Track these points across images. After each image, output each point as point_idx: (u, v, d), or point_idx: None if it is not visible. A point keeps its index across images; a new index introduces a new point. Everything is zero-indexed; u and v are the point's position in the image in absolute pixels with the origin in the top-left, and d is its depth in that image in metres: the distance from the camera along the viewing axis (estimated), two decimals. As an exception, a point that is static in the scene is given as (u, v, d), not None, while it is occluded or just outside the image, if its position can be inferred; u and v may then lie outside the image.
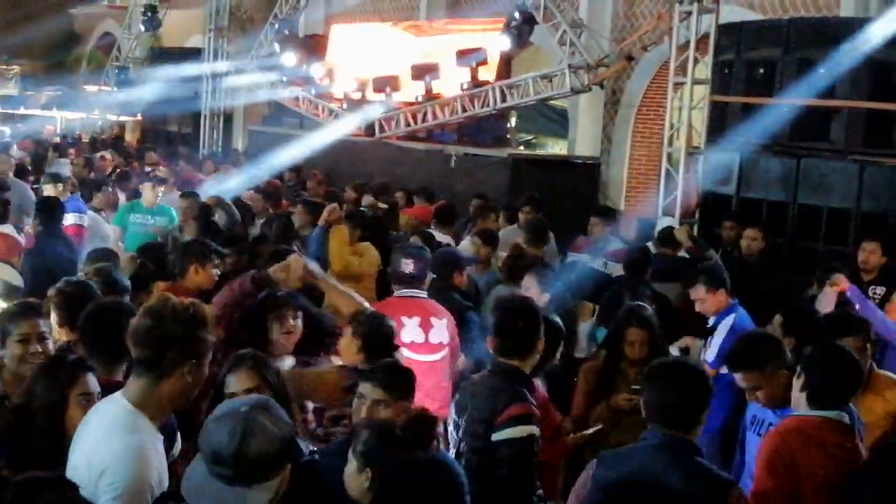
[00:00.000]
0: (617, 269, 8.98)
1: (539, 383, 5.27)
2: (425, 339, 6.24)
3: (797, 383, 4.57)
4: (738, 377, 5.15)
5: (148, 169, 16.48)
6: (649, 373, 4.26)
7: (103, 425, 3.72)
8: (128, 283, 6.39)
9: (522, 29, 14.43)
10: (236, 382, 4.36)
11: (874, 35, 10.37)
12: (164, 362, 3.67)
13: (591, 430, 5.71)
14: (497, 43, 15.26)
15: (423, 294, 6.49)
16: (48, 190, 11.11)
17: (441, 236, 9.76)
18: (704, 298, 7.08)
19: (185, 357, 3.68)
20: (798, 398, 4.56)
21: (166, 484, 3.68)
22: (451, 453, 4.69)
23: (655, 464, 3.92)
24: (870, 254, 8.64)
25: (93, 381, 4.17)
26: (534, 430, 4.72)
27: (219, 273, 7.17)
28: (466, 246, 9.30)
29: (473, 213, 11.80)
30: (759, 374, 5.05)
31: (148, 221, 11.17)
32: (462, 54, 15.80)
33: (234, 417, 2.99)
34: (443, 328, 6.30)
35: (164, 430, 3.84)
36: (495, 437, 4.67)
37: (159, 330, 3.66)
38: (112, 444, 3.62)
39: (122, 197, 12.92)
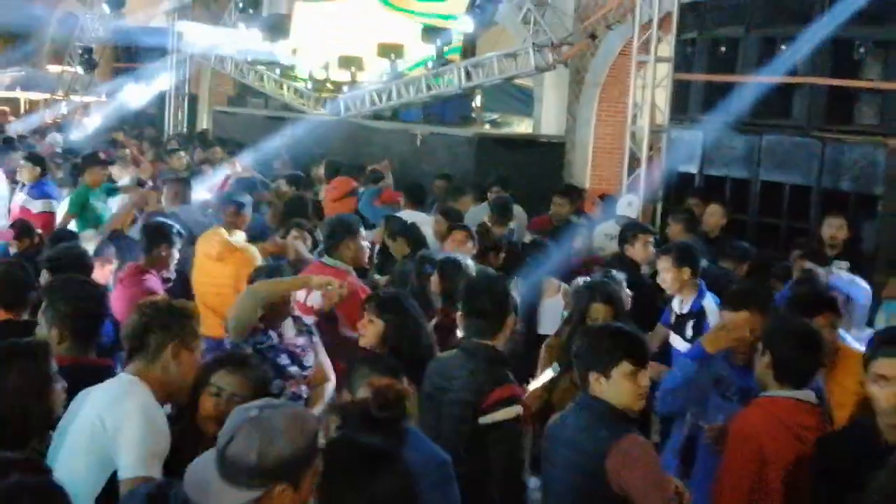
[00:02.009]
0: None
1: None
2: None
3: (762, 361, 4.57)
4: (737, 318, 5.17)
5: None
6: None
7: (110, 393, 3.93)
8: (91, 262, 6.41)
9: (486, 7, 14.40)
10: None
11: (836, 13, 10.43)
12: (149, 346, 4.02)
13: (546, 378, 5.68)
14: (461, 23, 15.24)
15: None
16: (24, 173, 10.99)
17: (413, 215, 9.76)
18: (668, 270, 7.10)
19: (167, 339, 4.02)
20: (764, 375, 4.55)
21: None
22: None
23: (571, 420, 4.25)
24: (837, 229, 8.68)
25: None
26: (520, 410, 4.75)
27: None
28: (431, 224, 9.32)
29: (440, 193, 11.83)
30: (758, 316, 5.10)
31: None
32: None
33: (240, 415, 3.00)
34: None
35: None
36: (484, 420, 4.65)
37: (143, 318, 4.10)
38: (124, 405, 3.84)
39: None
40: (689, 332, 6.81)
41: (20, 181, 11.09)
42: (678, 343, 6.86)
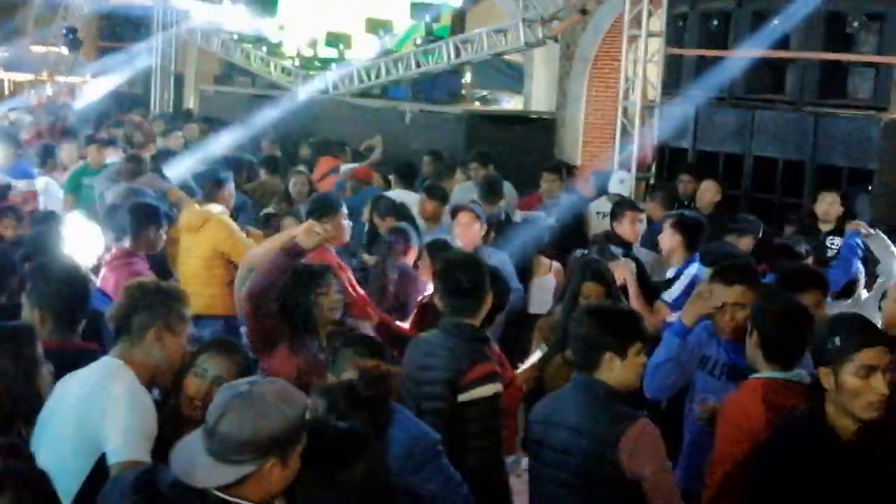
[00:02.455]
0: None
1: (491, 339, 5.22)
2: None
3: (751, 340, 4.46)
4: (729, 292, 5.06)
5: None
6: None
7: (94, 377, 3.88)
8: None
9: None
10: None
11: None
12: (133, 326, 3.98)
13: (535, 359, 5.63)
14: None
15: None
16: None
17: (402, 195, 9.66)
18: (665, 233, 7.11)
19: (151, 320, 3.98)
20: (754, 355, 4.44)
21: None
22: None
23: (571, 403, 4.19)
24: (830, 205, 8.63)
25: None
26: (499, 387, 4.76)
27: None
28: (418, 202, 9.22)
29: (428, 171, 11.73)
30: (752, 292, 4.99)
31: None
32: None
33: (229, 392, 3.01)
34: None
35: None
36: (462, 397, 4.65)
37: (128, 299, 4.07)
38: (109, 389, 3.79)
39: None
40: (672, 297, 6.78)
41: None
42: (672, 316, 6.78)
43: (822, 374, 3.69)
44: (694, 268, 6.79)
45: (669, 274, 7.09)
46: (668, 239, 7.11)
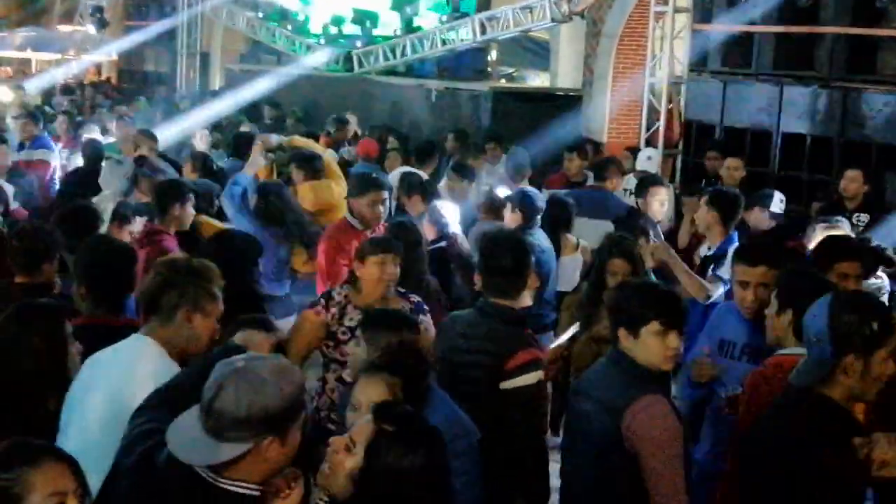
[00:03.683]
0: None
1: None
2: None
3: (781, 317, 4.39)
4: (753, 272, 5.03)
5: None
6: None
7: (125, 355, 3.88)
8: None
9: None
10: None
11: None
12: (162, 306, 3.91)
13: (566, 338, 5.57)
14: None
15: None
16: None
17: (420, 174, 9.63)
18: (701, 209, 7.07)
19: (181, 300, 3.91)
20: (784, 333, 4.38)
21: None
22: None
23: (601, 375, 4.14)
24: (850, 181, 8.55)
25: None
26: (541, 374, 4.65)
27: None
28: (444, 183, 9.19)
29: (451, 149, 11.69)
30: (775, 271, 4.90)
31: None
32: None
33: (225, 367, 2.96)
34: None
35: None
36: (505, 385, 4.54)
37: (159, 277, 3.99)
38: (141, 367, 3.79)
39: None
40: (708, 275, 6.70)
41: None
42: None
43: (847, 362, 3.55)
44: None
45: (705, 251, 7.04)
46: (704, 215, 7.05)
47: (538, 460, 4.72)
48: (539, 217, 7.43)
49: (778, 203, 8.20)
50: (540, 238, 7.22)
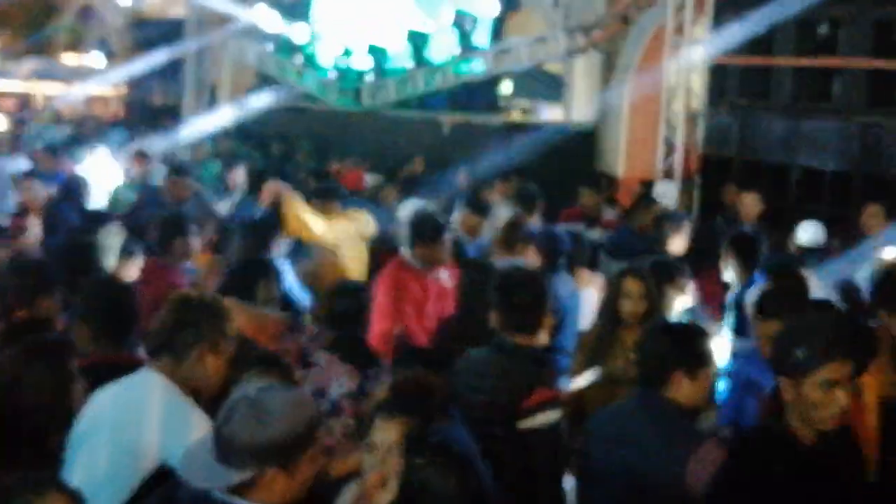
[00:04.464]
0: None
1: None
2: None
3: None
4: (766, 326, 4.91)
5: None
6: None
7: (137, 393, 3.85)
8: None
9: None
10: None
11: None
12: (177, 345, 3.87)
13: (586, 381, 5.44)
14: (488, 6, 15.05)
15: None
16: None
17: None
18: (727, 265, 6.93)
19: (197, 340, 3.87)
20: None
21: None
22: None
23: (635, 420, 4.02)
24: (870, 217, 8.46)
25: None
26: (559, 413, 4.48)
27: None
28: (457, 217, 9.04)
29: (463, 183, 11.57)
30: (776, 324, 4.75)
31: None
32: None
33: (239, 394, 3.04)
34: None
35: None
36: (523, 424, 4.38)
37: (174, 315, 3.95)
38: (147, 405, 3.77)
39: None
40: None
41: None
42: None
43: (783, 385, 3.55)
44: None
45: (729, 298, 6.88)
46: (725, 260, 6.94)
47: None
48: (562, 260, 7.27)
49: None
50: (562, 281, 7.06)
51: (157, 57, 22.92)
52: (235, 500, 2.91)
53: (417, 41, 16.60)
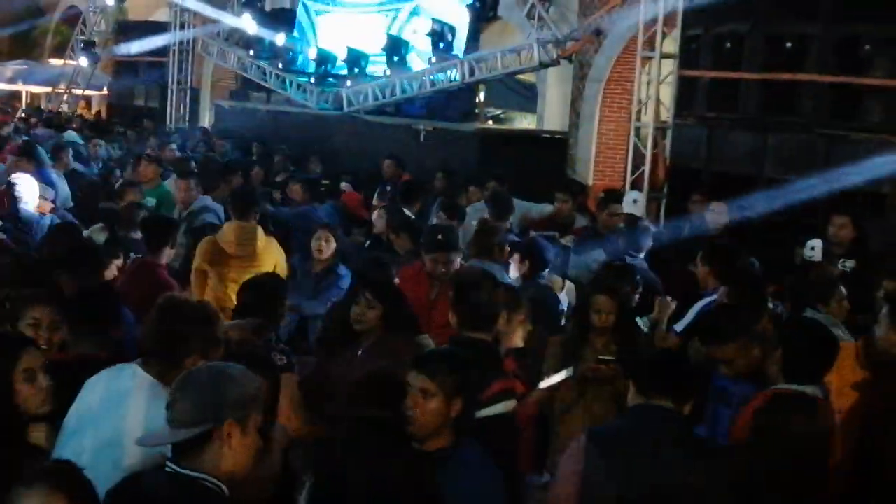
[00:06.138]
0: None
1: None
2: None
3: (775, 356, 4.62)
4: (710, 351, 5.17)
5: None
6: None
7: (122, 386, 3.93)
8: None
9: (487, 2, 14.39)
10: None
11: (840, 9, 10.36)
12: (173, 355, 3.95)
13: (557, 381, 5.55)
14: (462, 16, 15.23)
15: None
16: None
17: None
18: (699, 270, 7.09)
19: (190, 352, 3.96)
20: (775, 372, 4.60)
21: None
22: None
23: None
24: (840, 228, 8.59)
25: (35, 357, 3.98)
26: (513, 404, 4.73)
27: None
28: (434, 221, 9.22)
29: (440, 188, 11.72)
30: (732, 347, 5.12)
31: None
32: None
33: (191, 370, 3.31)
34: None
35: None
36: (481, 413, 4.48)
37: (165, 322, 4.06)
38: (133, 399, 3.86)
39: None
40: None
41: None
42: None
43: None
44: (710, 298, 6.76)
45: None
46: (699, 269, 7.06)
47: (514, 491, 4.70)
48: (546, 269, 7.46)
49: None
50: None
51: (141, 61, 23.00)
52: (189, 472, 3.04)
53: (396, 47, 16.73)
